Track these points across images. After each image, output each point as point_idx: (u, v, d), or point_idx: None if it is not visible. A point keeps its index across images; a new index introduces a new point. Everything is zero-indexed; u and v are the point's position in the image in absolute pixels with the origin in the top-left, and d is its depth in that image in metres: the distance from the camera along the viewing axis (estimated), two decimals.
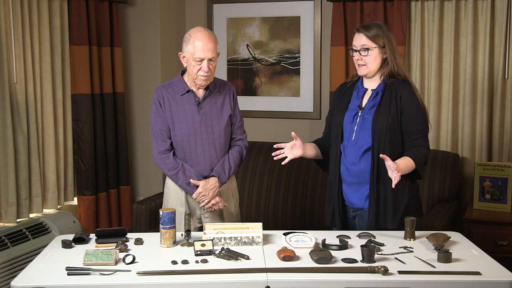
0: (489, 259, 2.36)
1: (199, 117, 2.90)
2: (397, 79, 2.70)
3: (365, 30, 2.69)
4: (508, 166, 3.70)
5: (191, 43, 2.81)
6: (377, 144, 2.64)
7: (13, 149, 3.47)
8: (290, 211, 4.02)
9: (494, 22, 3.87)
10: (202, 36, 2.81)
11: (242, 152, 3.04)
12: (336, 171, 2.79)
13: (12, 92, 3.47)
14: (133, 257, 2.31)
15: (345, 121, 2.76)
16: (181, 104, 2.90)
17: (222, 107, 2.96)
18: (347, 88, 2.86)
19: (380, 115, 2.65)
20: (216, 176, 2.92)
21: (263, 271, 2.19)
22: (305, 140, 3.03)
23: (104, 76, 4.13)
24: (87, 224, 3.97)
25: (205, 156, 2.92)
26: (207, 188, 2.88)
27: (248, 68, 4.59)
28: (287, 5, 4.44)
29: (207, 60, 2.80)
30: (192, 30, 2.88)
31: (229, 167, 2.95)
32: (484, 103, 3.90)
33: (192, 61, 2.82)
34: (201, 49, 2.78)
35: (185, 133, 2.90)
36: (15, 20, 3.48)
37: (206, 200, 2.90)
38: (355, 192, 2.75)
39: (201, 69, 2.81)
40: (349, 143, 2.73)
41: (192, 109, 2.90)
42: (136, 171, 4.58)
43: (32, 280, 2.14)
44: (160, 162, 2.93)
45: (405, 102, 2.66)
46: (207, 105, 2.93)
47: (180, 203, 2.97)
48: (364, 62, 2.70)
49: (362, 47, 2.68)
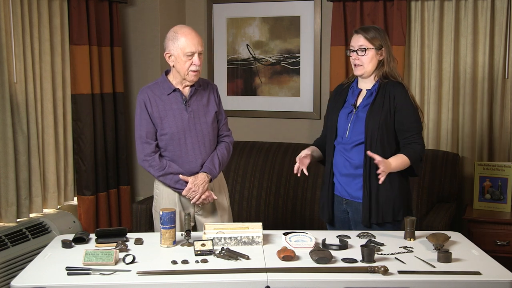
0: (489, 259, 2.36)
1: (187, 115, 2.92)
2: (391, 80, 2.80)
3: (364, 32, 2.80)
4: (508, 166, 3.70)
5: (179, 39, 2.83)
6: (369, 139, 2.73)
7: (13, 149, 3.47)
8: (290, 211, 4.02)
9: (494, 22, 3.87)
10: (189, 31, 2.85)
11: (229, 148, 3.07)
12: (328, 166, 2.90)
13: (12, 92, 3.47)
14: (133, 257, 2.31)
15: (340, 118, 2.86)
16: (168, 103, 2.92)
17: (207, 104, 2.99)
18: (343, 89, 2.96)
19: (374, 113, 2.75)
20: (207, 172, 2.94)
21: (263, 271, 2.19)
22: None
23: (104, 76, 4.13)
24: (87, 224, 3.97)
25: (195, 154, 2.94)
26: (197, 183, 2.90)
27: (248, 68, 4.59)
28: (287, 5, 4.44)
29: (198, 53, 2.84)
30: (175, 28, 2.90)
31: (219, 162, 2.98)
32: (484, 103, 3.90)
33: (182, 57, 2.83)
34: (191, 43, 2.82)
35: (174, 132, 2.90)
36: (15, 20, 3.48)
37: (196, 196, 2.90)
38: (347, 184, 2.83)
39: (193, 63, 2.84)
40: (343, 139, 2.82)
41: (180, 108, 2.92)
42: (136, 171, 4.58)
43: (32, 280, 2.14)
44: (146, 165, 2.93)
45: (398, 101, 2.75)
46: (194, 102, 2.95)
47: (173, 203, 2.97)
48: (361, 62, 2.79)
49: (360, 48, 2.78)
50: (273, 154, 4.18)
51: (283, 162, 4.12)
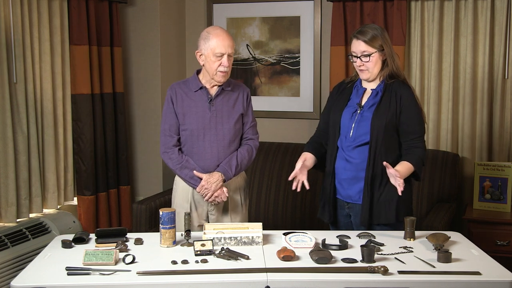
0: (489, 259, 2.36)
1: (210, 113, 2.96)
2: (397, 80, 2.76)
3: (363, 36, 2.73)
4: (508, 166, 3.70)
5: (211, 39, 2.88)
6: (375, 140, 2.70)
7: (13, 149, 3.47)
8: (290, 211, 4.02)
9: (494, 22, 3.87)
10: (221, 33, 2.90)
11: (251, 151, 3.07)
12: (331, 165, 2.85)
13: (12, 92, 3.47)
14: (133, 257, 2.31)
15: (343, 118, 2.82)
16: (193, 100, 2.97)
17: (234, 105, 3.02)
18: (346, 87, 2.91)
19: (380, 113, 2.71)
20: (221, 172, 2.95)
21: (263, 271, 2.19)
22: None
23: (104, 76, 4.12)
24: (87, 224, 3.97)
25: (212, 152, 2.97)
26: (210, 181, 2.92)
27: (248, 68, 4.59)
28: (287, 5, 4.44)
29: (227, 55, 2.88)
30: (209, 28, 2.97)
31: (236, 164, 2.99)
32: (484, 103, 3.90)
33: (212, 57, 2.88)
34: (221, 44, 2.87)
35: (194, 128, 2.96)
36: (15, 20, 3.47)
37: (209, 194, 2.93)
38: (350, 187, 2.79)
39: (221, 64, 2.88)
40: (346, 139, 2.79)
41: (204, 106, 2.97)
42: (136, 171, 4.58)
43: (32, 280, 2.14)
44: (166, 157, 3.01)
45: (405, 102, 2.72)
46: (219, 102, 2.98)
47: (186, 200, 3.01)
48: (366, 68, 2.76)
49: (363, 54, 2.73)
50: (273, 154, 4.19)
51: (283, 162, 4.12)
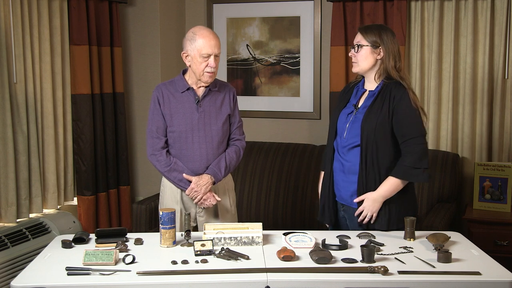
0: (489, 259, 2.36)
1: (198, 114, 2.93)
2: (393, 81, 2.71)
3: (363, 29, 2.76)
4: (508, 166, 3.70)
5: (197, 40, 2.85)
6: (365, 142, 2.67)
7: (13, 149, 3.47)
8: (290, 211, 4.02)
9: (494, 22, 3.87)
10: (207, 33, 2.87)
11: (238, 152, 3.06)
12: (328, 166, 2.84)
13: (12, 92, 3.47)
14: (133, 257, 2.31)
15: (340, 119, 2.82)
16: (180, 101, 2.94)
17: (221, 106, 2.99)
18: (349, 88, 2.91)
19: (371, 115, 2.68)
20: (211, 174, 2.94)
21: (263, 271, 2.19)
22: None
23: (104, 76, 4.13)
24: (87, 224, 3.97)
25: (201, 154, 2.94)
26: (200, 184, 2.90)
27: (248, 68, 4.59)
28: (287, 5, 4.44)
29: (214, 56, 2.85)
30: (194, 28, 2.91)
31: (225, 166, 2.97)
32: (484, 103, 3.90)
33: (198, 58, 2.85)
34: (208, 45, 2.84)
35: (182, 130, 2.93)
36: (15, 20, 3.48)
37: (198, 196, 2.91)
38: (344, 189, 2.77)
39: (208, 65, 2.85)
40: (341, 140, 2.78)
41: (191, 107, 2.93)
42: (136, 171, 4.58)
43: (32, 280, 2.14)
44: (154, 159, 2.96)
45: (397, 103, 2.66)
46: (206, 103, 2.95)
47: (175, 201, 2.99)
48: (356, 60, 2.75)
49: (356, 44, 2.75)
50: (273, 154, 4.18)
51: (283, 162, 4.12)
